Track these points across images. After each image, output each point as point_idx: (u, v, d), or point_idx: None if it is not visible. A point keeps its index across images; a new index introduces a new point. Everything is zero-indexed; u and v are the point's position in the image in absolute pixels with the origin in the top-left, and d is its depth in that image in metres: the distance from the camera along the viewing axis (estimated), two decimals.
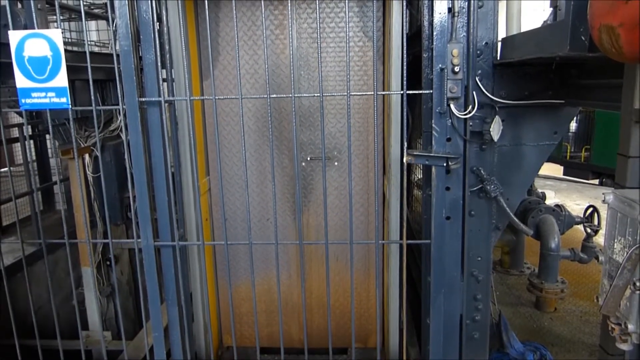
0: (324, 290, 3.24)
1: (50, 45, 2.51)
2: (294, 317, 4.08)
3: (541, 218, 4.23)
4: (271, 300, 4.01)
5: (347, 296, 3.92)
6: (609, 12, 1.30)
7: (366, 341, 4.05)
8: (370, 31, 3.49)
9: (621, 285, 1.54)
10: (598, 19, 1.37)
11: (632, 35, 1.24)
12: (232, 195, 3.88)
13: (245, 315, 4.09)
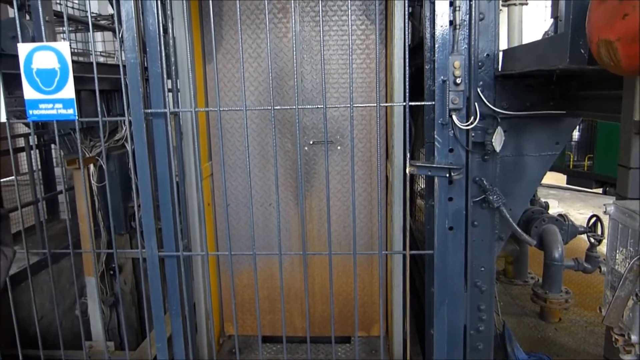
0: (326, 276, 3.22)
1: (58, 57, 2.55)
2: (297, 304, 4.06)
3: (544, 228, 4.23)
4: (273, 287, 3.99)
5: (350, 283, 3.91)
6: (606, 27, 1.32)
7: (369, 329, 4.04)
8: (372, 14, 3.51)
9: (623, 297, 1.55)
10: (596, 34, 1.39)
11: (629, 50, 1.26)
12: (234, 180, 3.89)
13: (247, 302, 4.07)
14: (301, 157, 2.70)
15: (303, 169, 3.74)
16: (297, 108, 2.55)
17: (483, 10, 2.58)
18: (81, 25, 7.45)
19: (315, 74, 3.68)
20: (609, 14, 1.31)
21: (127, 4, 2.51)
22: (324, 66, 2.62)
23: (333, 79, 3.65)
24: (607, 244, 1.67)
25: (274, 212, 3.87)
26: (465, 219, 2.73)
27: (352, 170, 2.63)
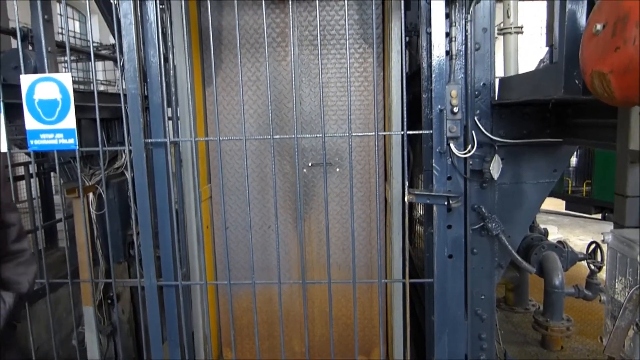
0: (326, 299, 3.18)
1: (60, 88, 2.59)
2: (296, 328, 4.00)
3: (544, 255, 4.22)
4: (272, 311, 3.94)
5: (349, 306, 3.85)
6: (599, 60, 1.35)
7: (370, 353, 3.98)
8: (370, 38, 3.56)
9: (624, 326, 1.54)
10: (589, 65, 1.42)
11: (622, 81, 1.28)
12: (233, 203, 3.88)
13: (245, 327, 4.01)
14: (300, 179, 2.71)
15: (302, 191, 3.74)
16: (295, 137, 2.58)
17: (479, 41, 2.63)
18: (83, 55, 7.56)
19: (313, 96, 3.72)
20: (601, 47, 1.34)
21: (128, 36, 2.56)
22: (323, 89, 2.65)
23: (331, 102, 3.69)
24: (607, 273, 1.67)
25: (273, 235, 3.85)
26: (465, 247, 2.73)
27: (351, 201, 2.65)
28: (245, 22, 3.60)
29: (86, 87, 9.55)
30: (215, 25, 3.58)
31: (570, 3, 1.71)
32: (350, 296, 3.58)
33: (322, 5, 3.53)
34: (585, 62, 1.45)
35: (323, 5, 3.53)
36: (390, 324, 3.53)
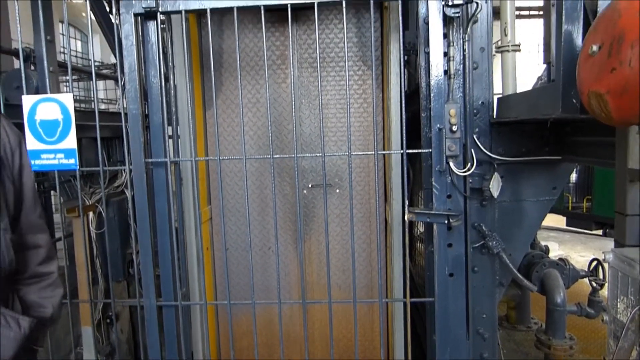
0: (326, 320, 3.16)
1: (61, 108, 2.61)
2: (296, 349, 3.96)
3: (545, 272, 4.19)
4: (272, 333, 3.91)
5: (350, 327, 3.83)
6: (596, 80, 1.36)
7: None
8: (368, 60, 3.59)
9: (627, 347, 1.53)
10: (586, 86, 1.43)
11: (619, 102, 1.30)
12: (233, 224, 3.88)
13: (245, 349, 3.97)
14: (300, 200, 2.72)
15: (302, 212, 3.74)
16: (295, 157, 2.59)
17: (477, 60, 2.66)
18: (84, 74, 7.62)
19: (313, 118, 3.74)
20: (597, 68, 1.35)
21: (130, 57, 2.59)
22: (322, 111, 2.67)
23: (331, 123, 3.71)
24: (608, 293, 1.67)
25: (273, 256, 3.86)
26: (465, 265, 2.72)
27: (351, 221, 2.65)
28: (246, 44, 3.63)
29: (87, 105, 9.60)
30: (216, 48, 3.62)
31: (567, 24, 1.74)
32: (351, 317, 3.56)
33: (322, 28, 3.57)
34: (582, 82, 1.46)
35: (322, 28, 3.57)
36: (392, 344, 3.51)
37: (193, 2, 2.57)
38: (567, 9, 1.72)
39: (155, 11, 2.55)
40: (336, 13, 3.56)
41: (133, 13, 2.58)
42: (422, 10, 2.68)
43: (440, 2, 2.44)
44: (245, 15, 3.58)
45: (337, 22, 3.58)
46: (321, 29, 3.58)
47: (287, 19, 2.60)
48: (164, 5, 2.57)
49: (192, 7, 2.57)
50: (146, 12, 2.56)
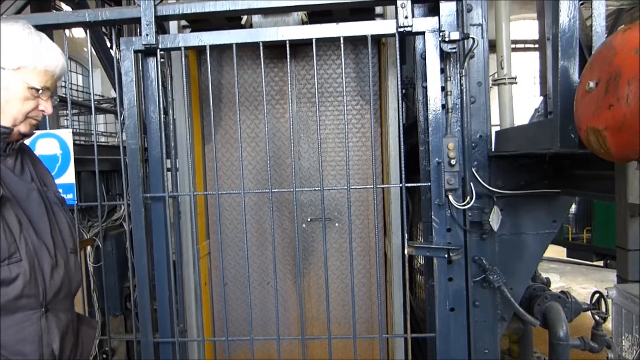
0: (326, 356, 3.09)
1: (60, 144, 2.62)
2: None
3: (547, 306, 4.13)
4: None
5: None
6: (594, 116, 1.37)
7: None
8: (366, 94, 3.62)
9: None
10: (584, 122, 1.43)
11: (618, 138, 1.30)
12: (231, 259, 3.85)
13: None
14: (299, 234, 2.70)
15: (301, 246, 3.72)
16: (294, 191, 2.59)
17: (474, 94, 2.68)
18: (84, 108, 7.68)
19: (312, 152, 3.75)
20: (595, 104, 1.36)
21: (130, 92, 2.61)
22: (321, 145, 2.67)
23: (330, 157, 3.72)
24: (613, 329, 1.64)
25: (272, 291, 3.81)
26: (467, 300, 2.69)
27: (350, 255, 2.62)
28: (245, 80, 3.68)
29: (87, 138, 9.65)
30: (215, 83, 3.66)
31: (563, 60, 1.76)
32: (351, 352, 3.50)
33: (320, 64, 3.62)
34: (580, 118, 1.47)
35: (321, 64, 3.62)
36: None
37: (192, 39, 2.61)
38: (563, 45, 1.75)
39: (155, 48, 2.59)
40: (334, 49, 3.61)
41: (133, 50, 2.61)
42: (420, 45, 2.72)
43: (437, 38, 2.48)
44: (244, 51, 3.63)
45: (335, 57, 3.63)
46: (319, 64, 3.62)
47: (285, 55, 2.63)
48: (164, 42, 2.61)
49: (191, 44, 2.61)
50: (146, 48, 2.59)
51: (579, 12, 1.79)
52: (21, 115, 1.58)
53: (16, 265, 1.47)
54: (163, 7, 2.57)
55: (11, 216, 1.51)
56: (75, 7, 4.68)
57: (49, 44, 1.63)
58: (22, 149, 1.72)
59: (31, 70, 1.57)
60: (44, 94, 1.62)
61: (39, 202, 1.65)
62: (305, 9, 2.76)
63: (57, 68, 1.63)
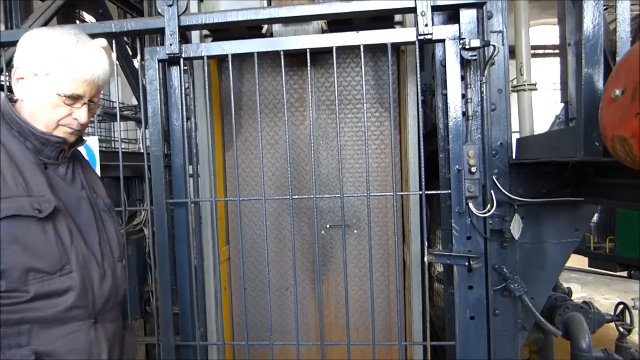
0: None
1: (87, 151, 2.67)
2: None
3: (569, 316, 4.07)
4: None
5: None
6: (620, 124, 1.36)
7: None
8: (385, 102, 3.63)
9: None
10: (610, 130, 1.42)
11: None
12: (251, 264, 3.87)
13: None
14: (318, 241, 2.71)
15: (320, 252, 3.73)
16: (314, 197, 2.60)
17: (494, 101, 2.67)
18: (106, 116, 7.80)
19: (331, 159, 3.77)
20: (621, 112, 1.35)
21: (154, 101, 2.66)
22: (340, 152, 2.69)
23: (349, 164, 3.73)
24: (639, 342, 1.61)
25: (290, 296, 3.83)
26: (487, 308, 2.67)
27: (370, 262, 2.62)
28: (265, 87, 3.71)
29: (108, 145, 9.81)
30: (236, 91, 3.70)
31: (587, 67, 1.74)
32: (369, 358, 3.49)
33: (339, 71, 3.64)
34: (606, 126, 1.46)
35: (340, 71, 3.64)
36: None
37: (215, 48, 2.65)
38: (587, 52, 1.73)
39: (179, 57, 2.63)
40: (353, 56, 3.63)
41: (157, 59, 2.66)
42: (439, 53, 2.72)
43: (458, 45, 2.48)
44: (264, 59, 3.67)
45: (354, 65, 3.64)
46: (339, 71, 3.64)
47: (305, 63, 2.66)
48: (187, 51, 2.65)
49: (214, 53, 2.65)
50: (170, 58, 2.64)
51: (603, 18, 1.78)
52: (52, 123, 1.57)
53: (68, 277, 1.50)
54: (186, 18, 2.62)
55: (62, 227, 1.52)
56: (99, 17, 4.77)
57: (87, 50, 1.58)
58: (73, 156, 1.72)
59: (60, 77, 1.53)
60: (77, 102, 1.58)
61: (88, 211, 1.66)
62: (325, 18, 2.78)
63: (90, 74, 1.56)
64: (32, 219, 1.43)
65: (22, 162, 1.51)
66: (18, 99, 1.60)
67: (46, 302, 1.45)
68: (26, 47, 1.56)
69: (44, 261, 1.44)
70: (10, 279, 1.39)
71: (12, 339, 1.40)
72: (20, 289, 1.40)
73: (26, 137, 1.55)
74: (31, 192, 1.47)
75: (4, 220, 1.38)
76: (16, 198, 1.42)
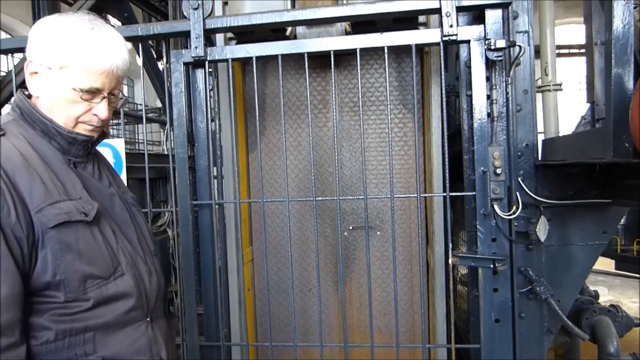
0: None
1: (113, 153, 2.72)
2: None
3: (596, 319, 4.00)
4: None
5: None
6: None
7: None
8: (409, 103, 3.62)
9: None
10: None
11: None
12: (274, 265, 3.89)
13: None
14: (342, 243, 2.71)
15: (343, 254, 3.74)
16: (338, 199, 2.60)
17: (520, 102, 2.65)
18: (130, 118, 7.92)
19: (354, 161, 3.77)
20: None
21: (179, 103, 2.69)
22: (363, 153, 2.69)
23: (372, 166, 3.72)
24: None
25: (313, 298, 3.84)
26: (512, 311, 2.64)
27: (393, 263, 2.62)
28: (288, 89, 3.73)
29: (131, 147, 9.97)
30: (259, 93, 3.73)
31: (617, 67, 1.72)
32: None
33: (362, 73, 3.64)
34: (636, 127, 1.44)
35: (363, 73, 3.64)
36: None
37: (239, 51, 2.67)
38: (617, 52, 1.71)
39: (204, 60, 2.66)
40: (376, 58, 3.63)
41: (183, 62, 2.69)
42: (464, 54, 2.71)
43: (483, 46, 2.46)
44: (288, 61, 3.68)
45: (377, 66, 3.64)
46: (362, 73, 3.64)
47: (328, 64, 2.66)
48: (212, 54, 2.68)
49: (238, 56, 2.67)
50: (195, 60, 2.67)
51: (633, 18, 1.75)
52: (71, 121, 1.46)
53: (122, 279, 1.46)
54: (211, 21, 2.64)
55: (106, 228, 1.48)
56: (125, 21, 4.85)
57: (104, 38, 1.44)
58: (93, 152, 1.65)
59: (75, 69, 1.40)
60: (96, 96, 1.46)
61: (122, 208, 1.60)
62: (349, 20, 2.79)
63: (108, 65, 1.43)
64: (80, 223, 1.37)
65: (54, 163, 1.43)
66: (32, 96, 1.49)
67: (107, 307, 1.42)
68: (38, 37, 1.43)
69: (98, 266, 1.40)
70: (69, 289, 1.34)
71: (78, 349, 1.36)
72: (81, 298, 1.36)
73: (51, 136, 1.45)
74: (70, 195, 1.40)
75: (54, 229, 1.32)
76: (62, 203, 1.35)
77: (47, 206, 1.32)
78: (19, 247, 1.26)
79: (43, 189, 1.33)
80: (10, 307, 1.21)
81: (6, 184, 1.26)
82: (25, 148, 1.38)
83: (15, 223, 1.25)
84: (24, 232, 1.27)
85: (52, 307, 1.33)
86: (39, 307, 1.32)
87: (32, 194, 1.31)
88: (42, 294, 1.32)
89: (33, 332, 1.31)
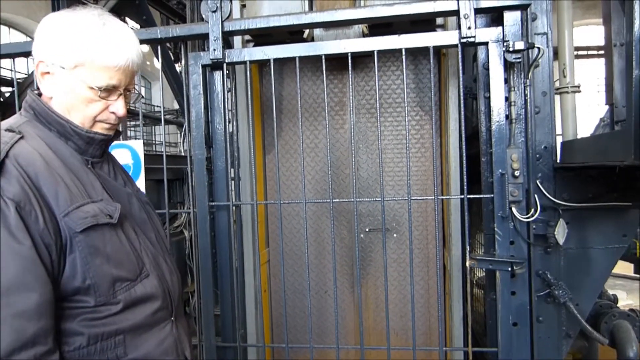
0: None
1: (132, 154, 2.76)
2: None
3: (615, 324, 3.95)
4: None
5: None
6: None
7: None
8: (426, 105, 3.62)
9: None
10: None
11: None
12: (290, 267, 3.91)
13: None
14: (358, 245, 2.72)
15: (359, 256, 3.74)
16: (355, 201, 2.61)
17: (538, 104, 2.63)
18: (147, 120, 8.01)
19: (370, 163, 3.77)
20: None
21: (197, 105, 2.72)
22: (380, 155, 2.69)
23: (389, 168, 3.72)
24: None
25: (329, 300, 3.85)
26: (530, 315, 2.62)
27: (410, 266, 2.61)
28: (305, 91, 3.75)
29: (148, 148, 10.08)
30: (276, 95, 3.75)
31: (638, 69, 1.70)
32: None
33: (379, 75, 3.64)
34: None
35: (380, 75, 3.64)
36: None
37: (257, 53, 2.69)
38: (638, 53, 1.69)
39: (222, 62, 2.68)
40: (393, 60, 3.63)
41: (201, 64, 2.72)
42: (482, 56, 2.69)
43: (501, 48, 2.45)
44: (305, 63, 3.70)
45: (394, 68, 3.64)
46: (379, 75, 3.65)
47: (344, 66, 2.67)
48: (230, 56, 2.70)
49: (256, 58, 2.69)
50: (213, 63, 2.69)
51: None
52: (88, 121, 1.43)
53: (148, 280, 1.46)
54: (229, 23, 2.67)
55: (129, 229, 1.46)
56: (143, 24, 4.91)
57: (117, 32, 1.40)
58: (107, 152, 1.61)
59: (91, 67, 1.36)
60: (113, 94, 1.43)
61: (139, 207, 1.58)
62: (366, 22, 2.79)
63: (124, 60, 1.39)
64: (106, 226, 1.35)
65: (73, 164, 1.40)
66: (45, 96, 1.44)
67: (135, 309, 1.41)
68: (47, 36, 1.37)
69: (125, 268, 1.39)
70: (99, 293, 1.32)
71: (110, 353, 1.35)
72: (111, 302, 1.35)
73: (68, 137, 1.41)
74: (92, 197, 1.37)
75: (82, 233, 1.29)
76: (87, 206, 1.33)
77: (73, 210, 1.29)
78: (47, 253, 1.24)
79: (67, 192, 1.30)
80: (43, 315, 1.19)
81: (32, 189, 1.23)
82: (44, 150, 1.34)
83: (43, 229, 1.23)
84: (52, 238, 1.25)
85: (83, 312, 1.32)
86: (69, 312, 1.31)
87: (57, 198, 1.28)
88: (72, 299, 1.31)
89: (65, 338, 1.29)
